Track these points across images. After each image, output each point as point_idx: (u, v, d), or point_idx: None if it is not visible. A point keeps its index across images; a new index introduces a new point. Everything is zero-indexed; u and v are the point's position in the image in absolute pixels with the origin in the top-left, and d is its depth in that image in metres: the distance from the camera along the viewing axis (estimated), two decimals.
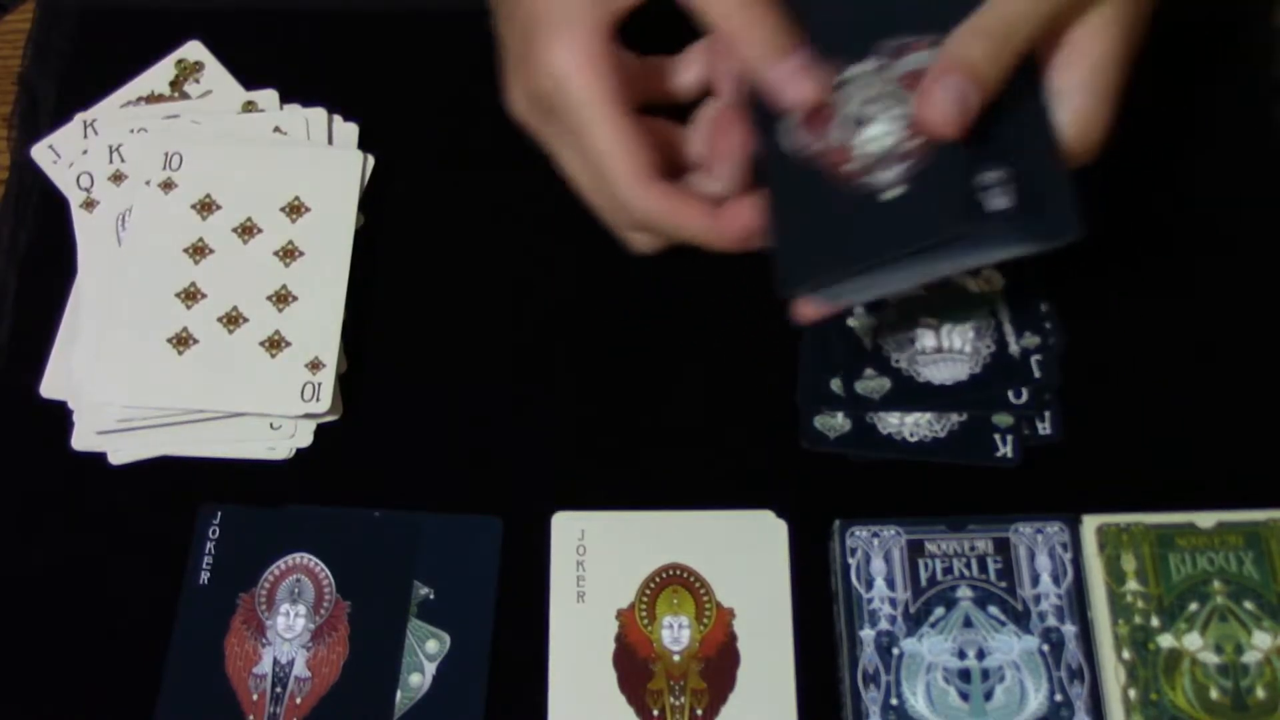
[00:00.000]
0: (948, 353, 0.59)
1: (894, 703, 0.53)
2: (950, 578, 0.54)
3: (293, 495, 0.57)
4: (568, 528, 0.57)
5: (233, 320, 0.59)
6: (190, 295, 0.60)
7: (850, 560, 0.55)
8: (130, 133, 0.63)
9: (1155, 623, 0.53)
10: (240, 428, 0.58)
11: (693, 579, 0.56)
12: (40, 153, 0.64)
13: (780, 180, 0.49)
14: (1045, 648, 0.53)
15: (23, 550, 0.57)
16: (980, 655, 0.53)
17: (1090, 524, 0.55)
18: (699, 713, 0.53)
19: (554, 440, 0.59)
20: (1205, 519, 0.55)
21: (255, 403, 0.58)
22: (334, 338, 0.59)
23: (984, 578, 0.54)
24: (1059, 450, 0.58)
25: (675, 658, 0.54)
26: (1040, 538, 0.55)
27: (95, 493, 0.58)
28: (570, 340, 0.61)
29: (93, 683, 0.55)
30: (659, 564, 0.56)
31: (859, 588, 0.54)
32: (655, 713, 0.53)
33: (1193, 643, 0.53)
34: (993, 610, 0.54)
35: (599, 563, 0.56)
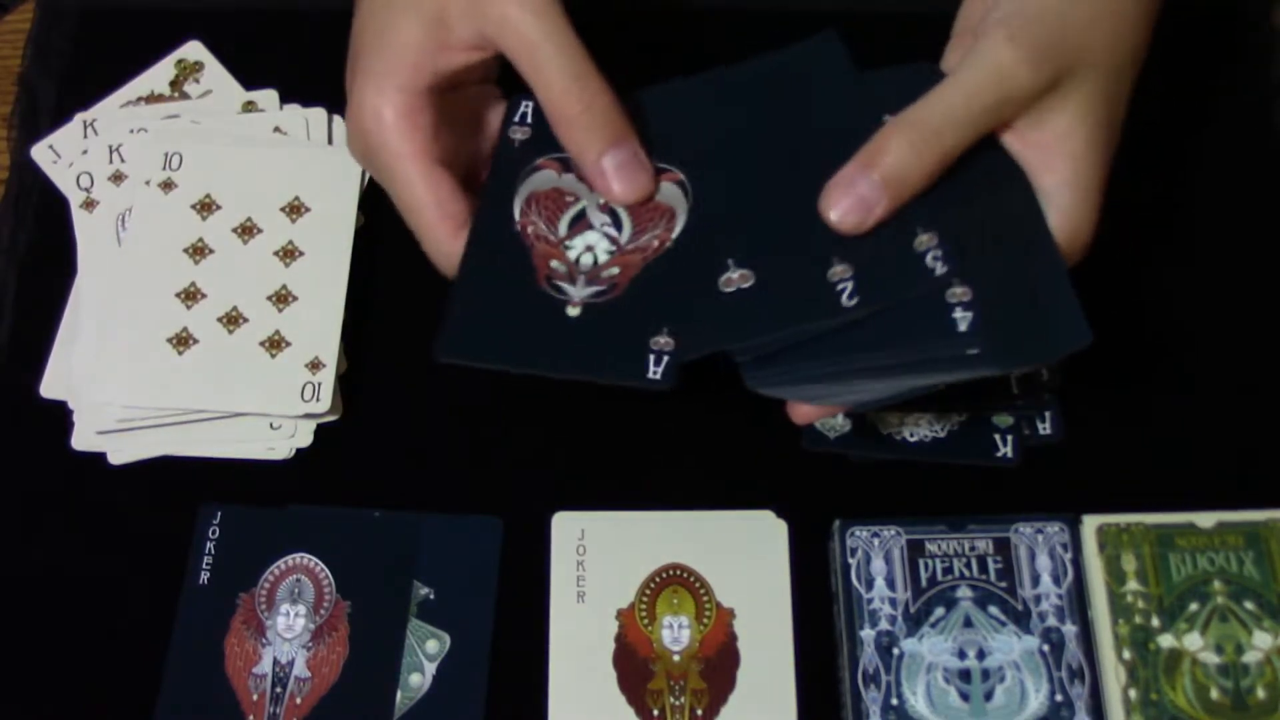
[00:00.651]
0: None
1: (894, 703, 0.53)
2: (950, 578, 0.54)
3: (293, 495, 0.57)
4: (568, 528, 0.57)
5: (233, 320, 0.59)
6: (190, 295, 0.60)
7: (850, 560, 0.55)
8: (130, 133, 0.63)
9: (1155, 623, 0.53)
10: (240, 428, 0.58)
11: (693, 579, 0.56)
12: (40, 153, 0.64)
13: (487, 244, 0.49)
14: (1045, 648, 0.53)
15: (23, 550, 0.57)
16: (980, 655, 0.53)
17: (1090, 524, 0.55)
18: (699, 713, 0.53)
19: (554, 440, 0.59)
20: (1205, 519, 0.55)
21: (255, 403, 0.58)
22: (334, 338, 0.59)
23: (984, 578, 0.54)
24: (1059, 450, 0.58)
25: (675, 658, 0.54)
26: (1040, 538, 0.55)
27: (95, 493, 0.58)
28: None
29: (93, 683, 0.55)
30: (659, 564, 0.56)
31: (859, 588, 0.54)
32: (655, 713, 0.53)
33: (1193, 643, 0.53)
34: (993, 610, 0.54)
35: (599, 563, 0.56)
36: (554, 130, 0.49)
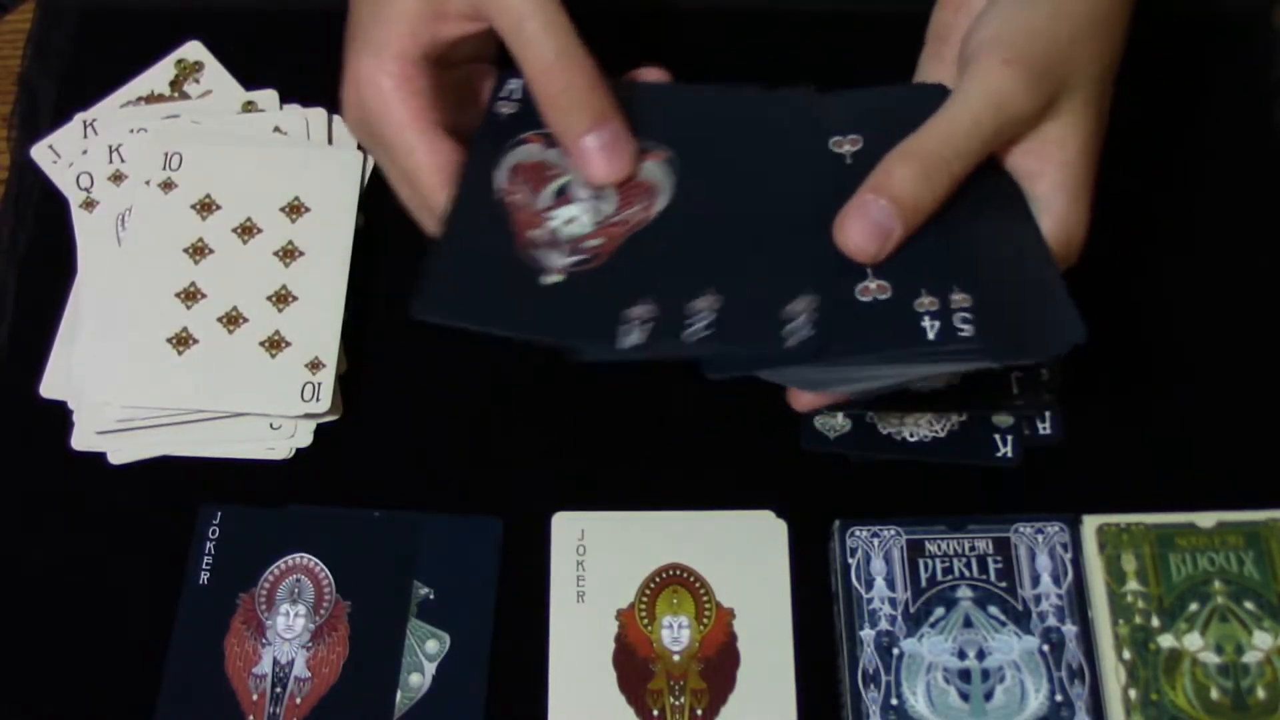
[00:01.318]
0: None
1: (894, 703, 0.53)
2: (950, 578, 0.54)
3: (293, 495, 0.57)
4: (568, 528, 0.57)
5: (233, 320, 0.59)
6: (190, 295, 0.60)
7: (850, 560, 0.55)
8: (130, 133, 0.63)
9: (1155, 623, 0.53)
10: (240, 428, 0.58)
11: (693, 579, 0.56)
12: (40, 153, 0.64)
13: (470, 208, 0.49)
14: (1045, 648, 0.53)
15: (23, 550, 0.57)
16: (980, 655, 0.53)
17: (1090, 524, 0.55)
18: (699, 713, 0.53)
19: (554, 440, 0.59)
20: (1205, 519, 0.55)
21: (255, 403, 0.58)
22: (334, 338, 0.59)
23: (984, 578, 0.54)
24: (1059, 450, 0.58)
25: (675, 658, 0.54)
26: (1040, 538, 0.55)
27: (95, 492, 0.58)
28: None
29: (93, 683, 0.55)
30: (659, 564, 0.56)
31: (859, 588, 0.54)
32: (655, 713, 0.53)
33: (1193, 643, 0.53)
34: (993, 610, 0.54)
35: (599, 563, 0.56)
36: (538, 107, 0.49)
